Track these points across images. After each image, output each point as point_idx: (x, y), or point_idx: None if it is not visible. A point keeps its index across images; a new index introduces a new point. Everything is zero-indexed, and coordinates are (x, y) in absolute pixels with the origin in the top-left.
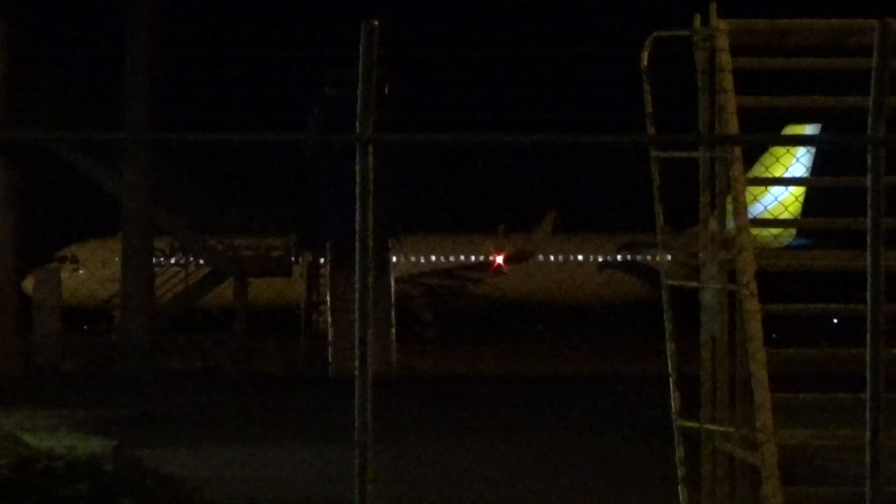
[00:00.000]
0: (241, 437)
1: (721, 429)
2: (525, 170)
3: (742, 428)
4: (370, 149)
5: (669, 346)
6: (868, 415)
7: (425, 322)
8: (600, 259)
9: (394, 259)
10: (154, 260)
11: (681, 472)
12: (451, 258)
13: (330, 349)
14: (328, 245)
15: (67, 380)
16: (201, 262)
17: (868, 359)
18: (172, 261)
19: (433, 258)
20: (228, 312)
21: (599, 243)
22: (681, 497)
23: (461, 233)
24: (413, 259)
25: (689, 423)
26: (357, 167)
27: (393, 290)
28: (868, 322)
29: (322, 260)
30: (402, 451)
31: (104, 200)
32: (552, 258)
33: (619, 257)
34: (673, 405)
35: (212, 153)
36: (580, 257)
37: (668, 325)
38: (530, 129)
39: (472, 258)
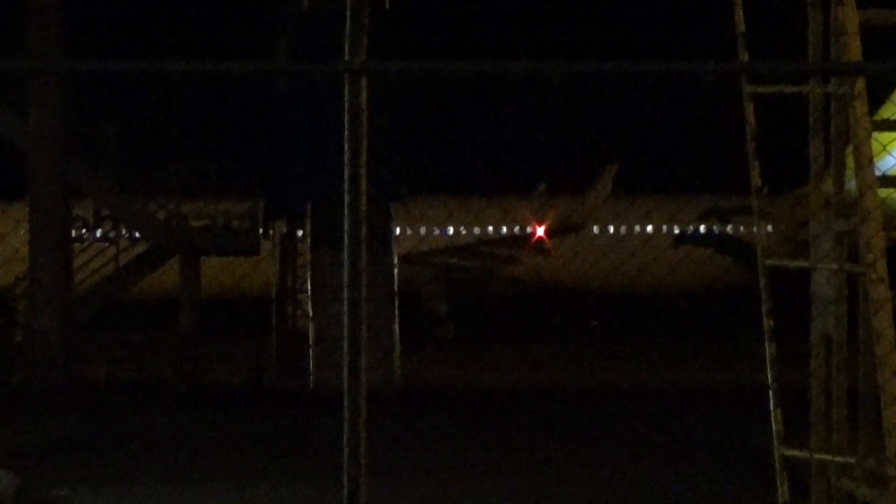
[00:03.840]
0: (186, 473)
1: (838, 459)
2: (575, 112)
3: (867, 459)
4: (363, 81)
5: (769, 349)
6: None
7: (439, 317)
8: (675, 231)
9: (397, 231)
10: (72, 233)
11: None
12: (476, 229)
13: (311, 353)
14: (307, 212)
15: None
16: (136, 234)
17: None
18: (97, 234)
19: (451, 230)
20: (173, 304)
21: (674, 209)
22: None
23: (489, 195)
24: (424, 231)
25: (794, 452)
26: (346, 106)
27: (396, 273)
28: None
29: (300, 233)
30: (404, 491)
31: (4, 152)
32: (611, 229)
33: (700, 228)
34: (774, 428)
35: (150, 90)
36: (648, 228)
37: (766, 321)
38: (575, 58)
39: (504, 229)
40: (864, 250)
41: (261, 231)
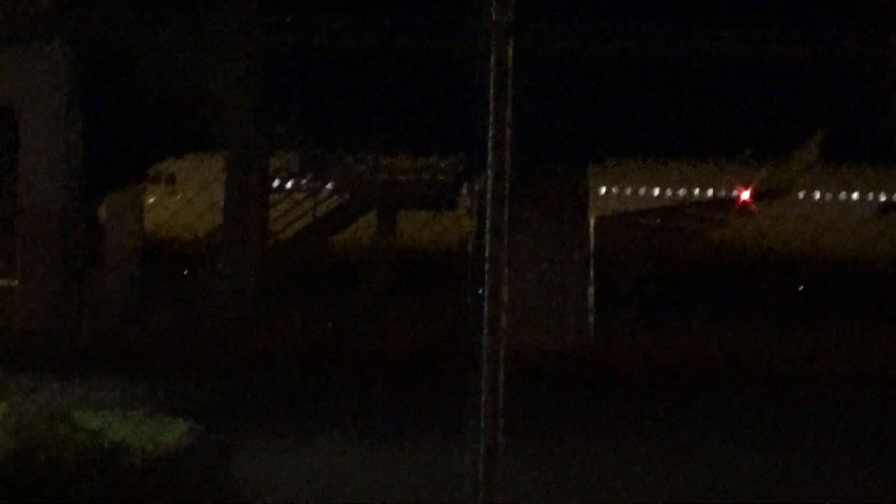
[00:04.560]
0: (363, 434)
1: None
2: (781, 75)
3: None
4: (510, 41)
5: None
6: None
7: (642, 279)
8: (882, 198)
9: (603, 191)
10: (273, 183)
11: None
12: (680, 191)
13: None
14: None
15: (141, 344)
16: (332, 188)
17: None
18: (297, 184)
19: (656, 192)
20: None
21: (882, 177)
22: None
23: (693, 158)
24: (622, 192)
25: None
26: (492, 62)
27: (592, 233)
28: None
29: None
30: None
31: (208, 102)
32: (817, 195)
33: None
34: None
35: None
36: (855, 195)
37: None
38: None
39: (709, 193)
40: None
41: (460, 187)
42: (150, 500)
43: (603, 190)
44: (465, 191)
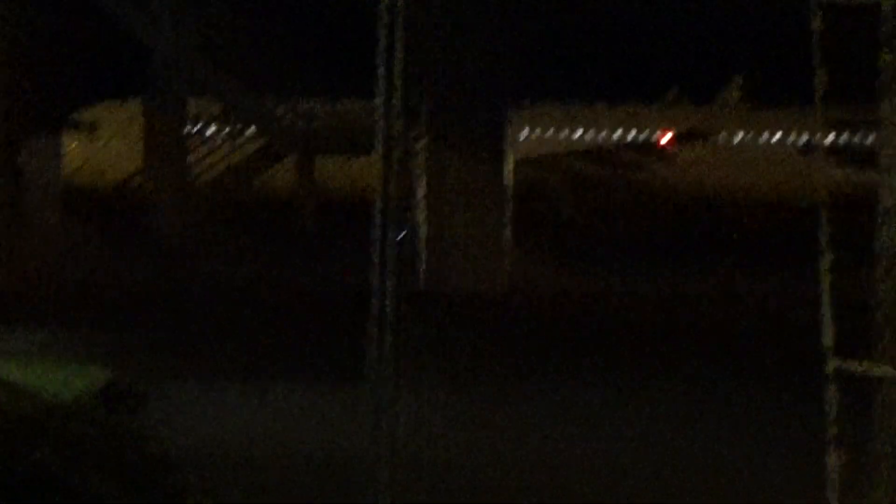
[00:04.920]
0: (262, 371)
1: (882, 372)
2: (702, 15)
3: None
4: None
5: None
6: None
7: (563, 221)
8: (804, 139)
9: (524, 135)
10: (191, 129)
11: (832, 430)
12: (601, 135)
13: (422, 255)
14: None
15: (60, 292)
16: (252, 133)
17: None
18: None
19: (573, 134)
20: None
21: (804, 118)
22: (830, 465)
23: (615, 101)
24: (550, 134)
25: (847, 365)
26: (382, 6)
27: (511, 176)
28: None
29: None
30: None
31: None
32: (740, 137)
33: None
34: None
35: None
36: (777, 136)
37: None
38: None
39: (630, 136)
40: None
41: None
42: (43, 445)
43: (524, 133)
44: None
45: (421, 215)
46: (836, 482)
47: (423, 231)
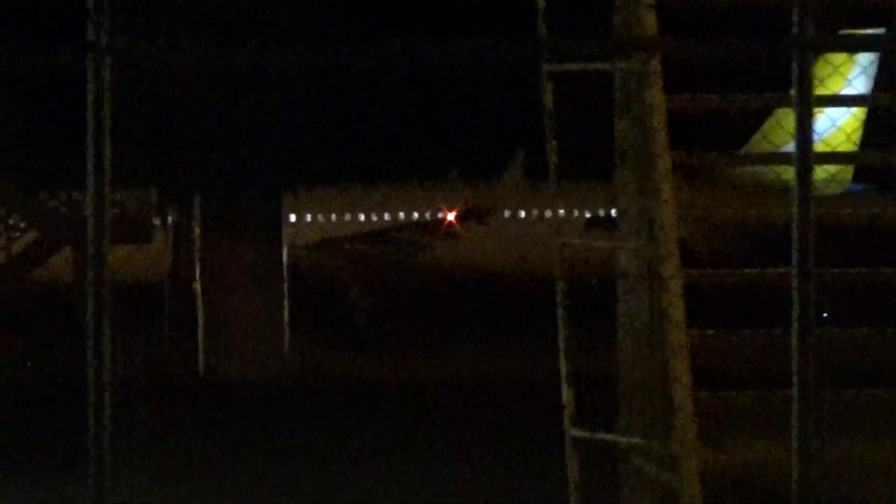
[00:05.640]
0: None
1: (634, 441)
2: (482, 94)
3: (661, 440)
4: (107, 62)
5: (561, 330)
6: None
7: (353, 304)
8: (587, 214)
9: (308, 218)
10: None
11: (575, 497)
12: (387, 216)
13: (200, 340)
14: (195, 201)
15: None
16: (24, 225)
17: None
18: None
19: (362, 217)
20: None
21: (587, 193)
22: None
23: (398, 182)
24: (335, 218)
25: (580, 433)
26: (88, 87)
27: (295, 259)
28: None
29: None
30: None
31: None
32: (523, 214)
33: (612, 212)
34: (565, 409)
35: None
36: (561, 212)
37: (560, 301)
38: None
39: (416, 216)
40: (657, 231)
41: (156, 220)
42: None
43: (305, 216)
44: (159, 224)
45: (198, 301)
46: None
47: (201, 316)
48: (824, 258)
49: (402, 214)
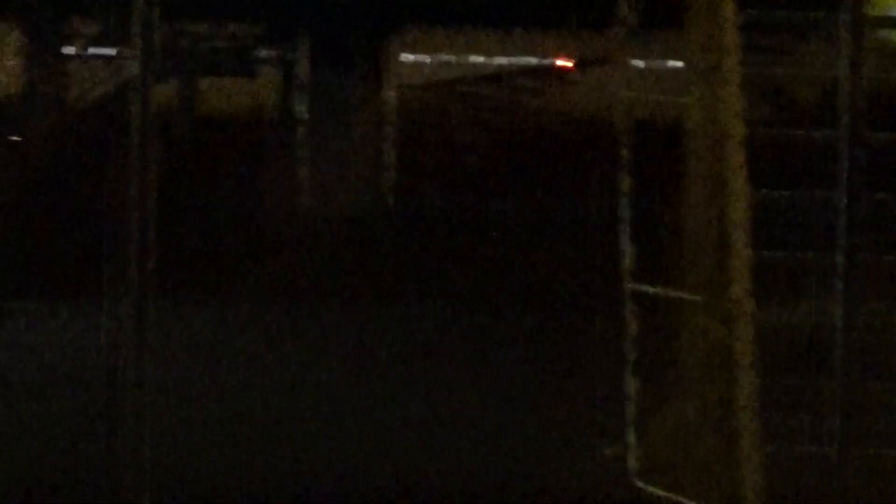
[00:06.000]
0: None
1: (676, 294)
2: None
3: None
4: None
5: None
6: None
7: (440, 150)
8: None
9: (409, 58)
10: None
11: (630, 355)
12: (496, 60)
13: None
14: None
15: None
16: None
17: None
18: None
19: (467, 59)
20: None
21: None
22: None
23: (510, 27)
24: (435, 61)
25: (638, 287)
26: None
27: (395, 101)
28: None
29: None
30: None
31: None
32: (639, 63)
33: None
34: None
35: None
36: (678, 62)
37: None
38: None
39: (527, 61)
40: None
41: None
42: None
43: (411, 57)
44: (265, 57)
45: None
46: (633, 408)
47: (302, 153)
48: None
49: (513, 59)
